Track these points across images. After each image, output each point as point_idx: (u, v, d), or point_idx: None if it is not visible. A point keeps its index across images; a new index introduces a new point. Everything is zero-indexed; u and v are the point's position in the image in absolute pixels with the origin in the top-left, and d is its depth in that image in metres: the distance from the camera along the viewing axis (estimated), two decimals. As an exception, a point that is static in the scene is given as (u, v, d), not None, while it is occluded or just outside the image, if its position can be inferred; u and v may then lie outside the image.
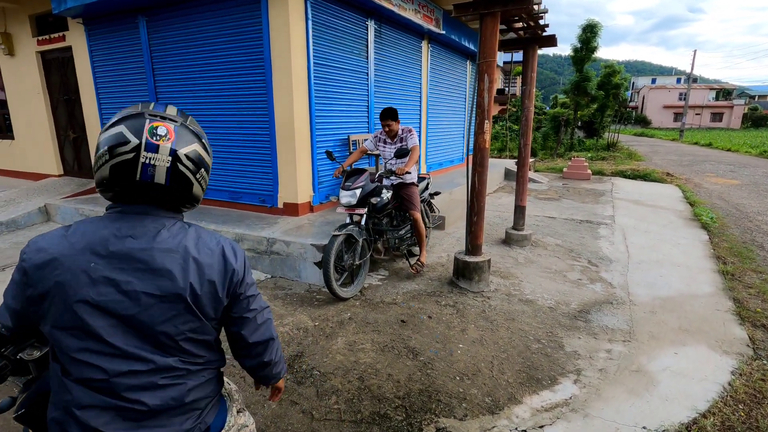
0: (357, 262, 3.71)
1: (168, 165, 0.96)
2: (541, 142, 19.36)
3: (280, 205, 5.05)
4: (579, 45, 17.38)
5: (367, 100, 6.07)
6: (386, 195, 4.01)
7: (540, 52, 5.12)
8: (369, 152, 4.51)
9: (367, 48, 5.87)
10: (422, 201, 4.70)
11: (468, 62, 9.69)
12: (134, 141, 0.93)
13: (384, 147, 4.41)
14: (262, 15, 4.60)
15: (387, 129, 4.13)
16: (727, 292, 3.96)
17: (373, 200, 3.84)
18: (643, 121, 49.79)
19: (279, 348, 1.23)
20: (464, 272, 3.81)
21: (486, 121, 3.55)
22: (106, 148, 0.94)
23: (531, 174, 10.66)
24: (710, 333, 3.22)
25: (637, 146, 21.94)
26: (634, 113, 51.18)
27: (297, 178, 4.87)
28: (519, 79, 33.70)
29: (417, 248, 4.80)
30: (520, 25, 4.30)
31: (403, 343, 2.97)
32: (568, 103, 18.64)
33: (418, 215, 4.10)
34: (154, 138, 0.95)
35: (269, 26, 4.60)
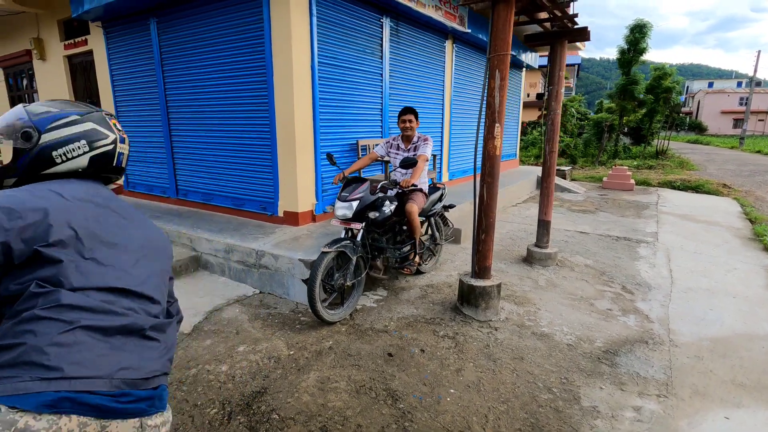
0: (348, 283, 3.31)
1: (127, 153, 1.21)
2: (582, 148, 18.26)
3: (280, 213, 4.75)
4: (626, 46, 16.27)
5: (381, 103, 5.68)
6: (388, 208, 3.59)
7: (585, 55, 4.60)
8: (380, 159, 4.14)
9: (382, 47, 5.50)
10: (434, 214, 4.25)
11: (499, 63, 9.09)
12: (112, 135, 1.14)
13: (396, 154, 4.03)
14: (263, 13, 4.32)
15: (407, 125, 3.80)
16: (796, 334, 3.24)
17: (371, 215, 3.43)
18: (698, 128, 46.47)
19: None
20: (469, 298, 3.32)
21: (497, 125, 3.06)
22: (84, 141, 1.09)
23: (566, 183, 9.90)
24: (774, 390, 2.57)
25: (690, 154, 20.28)
26: (688, 119, 47.92)
27: (297, 185, 4.55)
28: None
29: (425, 266, 4.36)
30: (544, 15, 3.78)
31: (384, 383, 2.53)
32: (614, 108, 17.45)
33: (414, 208, 3.65)
34: (120, 132, 1.17)
35: (270, 24, 4.32)
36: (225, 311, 3.48)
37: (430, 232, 4.38)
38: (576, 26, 4.05)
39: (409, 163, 3.44)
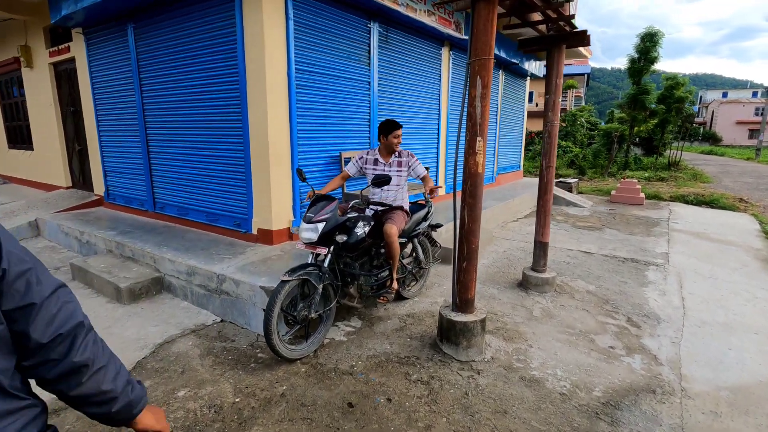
0: (313, 314, 2.94)
1: None
2: (591, 159, 17.74)
3: (254, 230, 4.40)
4: (636, 55, 15.81)
5: (369, 113, 5.34)
6: (361, 230, 3.22)
7: (596, 65, 4.33)
8: (352, 176, 3.78)
9: (370, 53, 5.17)
10: (418, 234, 3.86)
11: (501, 72, 8.75)
12: None
13: (374, 169, 3.67)
14: (235, 17, 4.03)
15: (400, 140, 3.58)
16: (832, 383, 2.77)
17: (339, 238, 3.07)
18: (712, 138, 45.49)
19: (97, 343, 0.89)
20: (449, 334, 2.92)
21: (479, 139, 2.68)
22: None
23: (572, 196, 9.44)
24: (809, 461, 2.12)
25: (703, 166, 19.62)
26: (701, 129, 46.98)
27: (272, 201, 4.20)
28: (570, 93, 31.77)
29: (409, 291, 3.97)
30: (538, 17, 3.41)
31: (336, 444, 2.14)
32: (625, 118, 16.95)
33: (394, 230, 3.29)
34: None
35: (243, 29, 4.02)
36: (176, 344, 3.11)
37: (414, 254, 3.99)
38: (574, 29, 3.68)
39: (382, 181, 3.09)
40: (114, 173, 6.20)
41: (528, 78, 10.28)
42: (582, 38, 3.64)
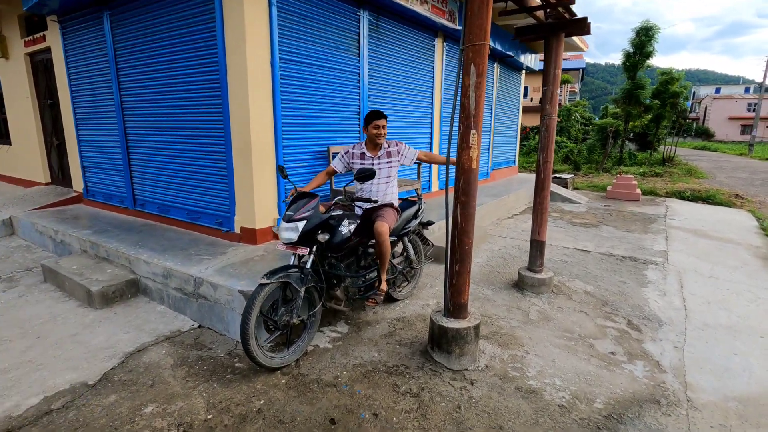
0: (295, 320, 2.74)
1: None
2: (586, 155, 17.64)
3: (237, 229, 4.18)
4: (632, 50, 15.66)
5: (359, 106, 5.12)
6: (346, 228, 3.02)
7: (590, 60, 4.03)
8: (339, 173, 3.58)
9: (359, 43, 4.94)
10: (408, 232, 3.66)
11: (496, 65, 8.54)
12: None
13: (362, 164, 3.46)
14: (215, 2, 3.78)
15: (380, 131, 3.34)
16: (844, 392, 2.62)
17: (321, 237, 2.86)
18: (705, 134, 45.69)
19: None
20: (440, 342, 2.73)
21: (473, 132, 2.48)
22: None
23: (567, 192, 9.29)
24: (828, 481, 1.96)
25: (697, 161, 19.59)
26: (694, 125, 47.16)
27: (255, 199, 3.98)
28: (565, 88, 31.57)
29: (400, 292, 3.77)
30: (536, 2, 3.20)
31: (315, 467, 1.94)
32: (619, 113, 16.84)
33: (385, 227, 3.09)
34: None
35: (223, 16, 3.78)
36: (148, 353, 2.90)
37: (404, 253, 3.79)
38: (574, 17, 3.47)
39: (365, 175, 2.88)
40: (93, 169, 5.94)
41: (523, 71, 10.09)
42: (582, 26, 3.44)
